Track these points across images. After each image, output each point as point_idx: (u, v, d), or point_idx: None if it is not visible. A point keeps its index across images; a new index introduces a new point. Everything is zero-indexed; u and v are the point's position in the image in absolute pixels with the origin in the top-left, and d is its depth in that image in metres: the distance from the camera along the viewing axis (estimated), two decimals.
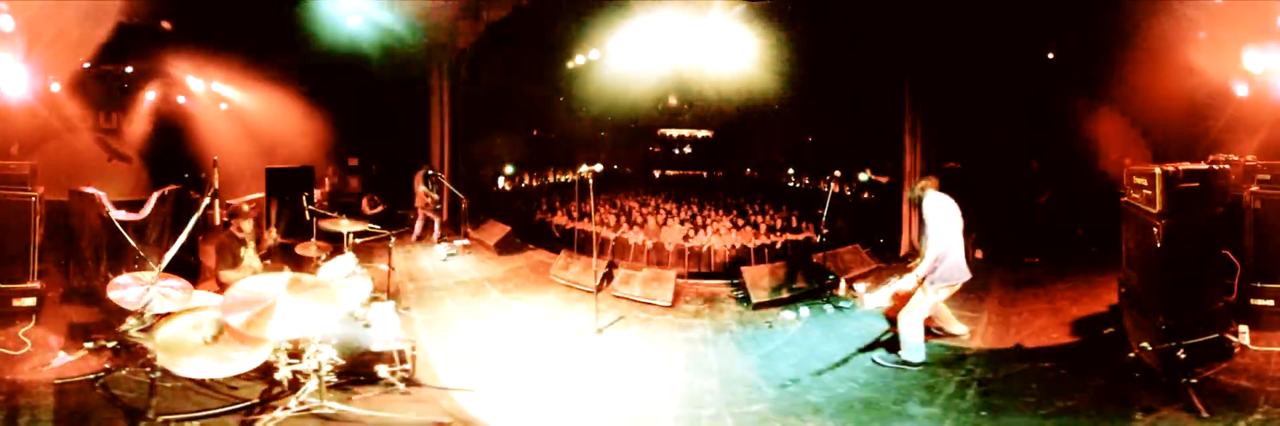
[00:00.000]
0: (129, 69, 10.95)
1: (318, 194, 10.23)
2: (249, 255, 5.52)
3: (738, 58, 11.11)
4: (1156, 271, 4.60)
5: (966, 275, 5.25)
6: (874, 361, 5.33)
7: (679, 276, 7.48)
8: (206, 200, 4.89)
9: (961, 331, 5.69)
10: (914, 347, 5.23)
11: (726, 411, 4.57)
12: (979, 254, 8.54)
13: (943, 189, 5.36)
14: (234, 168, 10.51)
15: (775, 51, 11.22)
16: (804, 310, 6.73)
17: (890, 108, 9.89)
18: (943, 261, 5.13)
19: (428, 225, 10.01)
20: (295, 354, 4.40)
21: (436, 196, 9.83)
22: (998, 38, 8.38)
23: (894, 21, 9.00)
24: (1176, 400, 4.16)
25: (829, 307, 6.80)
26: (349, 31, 9.75)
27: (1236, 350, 4.70)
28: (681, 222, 11.63)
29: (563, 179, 18.69)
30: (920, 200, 5.29)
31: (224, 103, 12.04)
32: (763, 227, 11.29)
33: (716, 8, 10.41)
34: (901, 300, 5.40)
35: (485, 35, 11.61)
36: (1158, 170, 4.54)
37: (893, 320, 5.53)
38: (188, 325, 4.11)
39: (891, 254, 8.99)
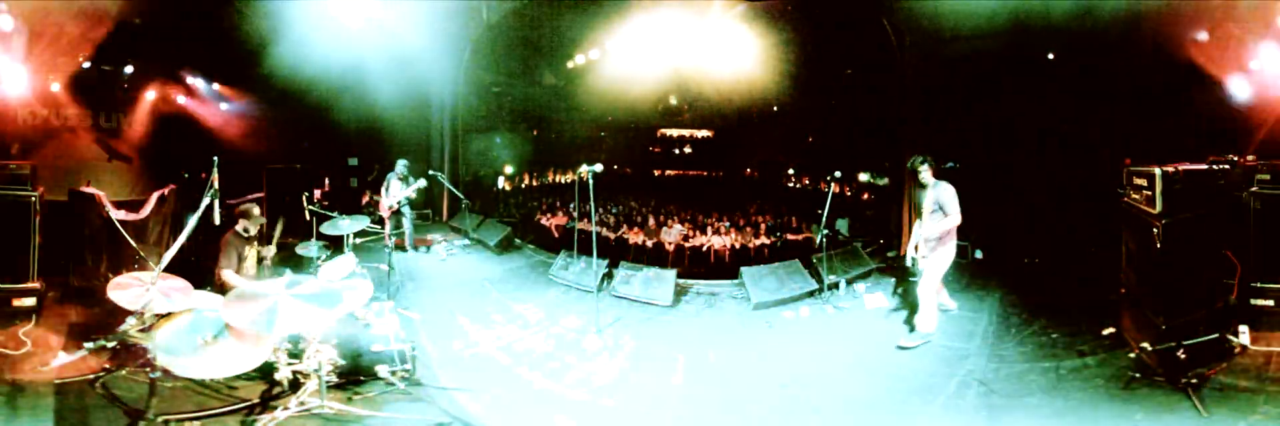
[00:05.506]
0: (129, 69, 10.94)
1: (318, 193, 10.20)
2: (252, 256, 5.52)
3: (738, 58, 11.10)
4: (1156, 271, 4.61)
5: None
6: (900, 347, 5.52)
7: (679, 276, 7.47)
8: (206, 200, 4.89)
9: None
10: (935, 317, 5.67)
11: (727, 411, 4.57)
12: (979, 254, 8.54)
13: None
14: (234, 168, 10.49)
15: (775, 51, 11.23)
16: (804, 310, 6.73)
17: (890, 108, 9.91)
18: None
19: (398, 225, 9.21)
20: (295, 354, 4.40)
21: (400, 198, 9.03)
22: (997, 38, 8.38)
23: (894, 22, 9.01)
24: (1176, 400, 4.16)
25: (829, 307, 6.80)
26: (349, 31, 9.75)
27: (1236, 350, 4.70)
28: (681, 222, 11.64)
29: (563, 179, 18.68)
30: (922, 176, 5.64)
31: (224, 102, 12.04)
32: (763, 227, 11.29)
33: (716, 8, 10.42)
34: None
35: (485, 35, 11.63)
36: (1158, 170, 4.55)
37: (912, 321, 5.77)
38: (188, 325, 4.12)
39: (892, 254, 8.99)
